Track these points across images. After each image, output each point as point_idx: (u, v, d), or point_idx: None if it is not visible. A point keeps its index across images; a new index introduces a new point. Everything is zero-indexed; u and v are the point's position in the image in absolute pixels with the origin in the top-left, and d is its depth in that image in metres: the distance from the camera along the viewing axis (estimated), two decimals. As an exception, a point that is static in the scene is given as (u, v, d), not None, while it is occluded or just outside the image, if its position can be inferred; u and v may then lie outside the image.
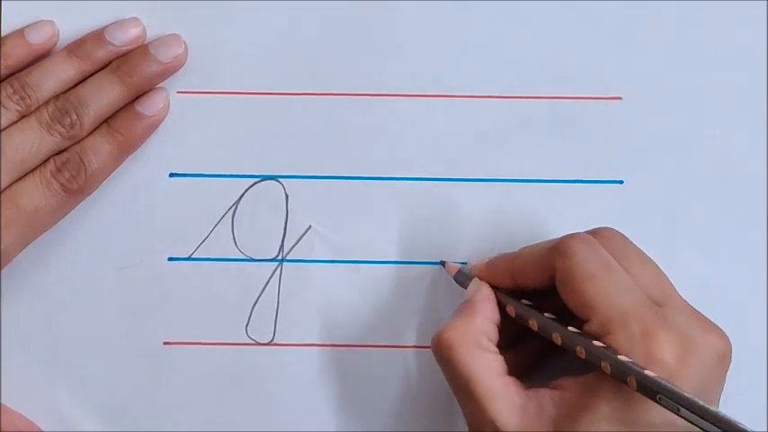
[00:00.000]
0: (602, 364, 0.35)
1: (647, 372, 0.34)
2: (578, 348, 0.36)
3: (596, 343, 0.35)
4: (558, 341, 0.37)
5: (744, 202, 0.43)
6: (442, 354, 0.38)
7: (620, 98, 0.43)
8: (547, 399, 0.36)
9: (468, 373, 0.37)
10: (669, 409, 0.33)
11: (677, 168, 0.43)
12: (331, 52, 0.43)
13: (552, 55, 0.43)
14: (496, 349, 0.38)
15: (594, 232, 0.38)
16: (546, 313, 0.38)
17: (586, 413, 0.35)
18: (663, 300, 0.37)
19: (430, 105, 0.43)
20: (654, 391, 0.33)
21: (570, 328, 0.36)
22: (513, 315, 0.39)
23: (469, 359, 0.37)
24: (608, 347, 0.35)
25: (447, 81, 0.43)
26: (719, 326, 0.37)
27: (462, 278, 0.41)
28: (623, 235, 0.38)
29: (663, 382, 0.33)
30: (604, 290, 0.36)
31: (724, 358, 0.36)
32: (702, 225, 0.43)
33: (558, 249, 0.37)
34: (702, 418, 0.33)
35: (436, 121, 0.43)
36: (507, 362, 0.38)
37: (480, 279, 0.40)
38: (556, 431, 0.35)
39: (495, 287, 0.40)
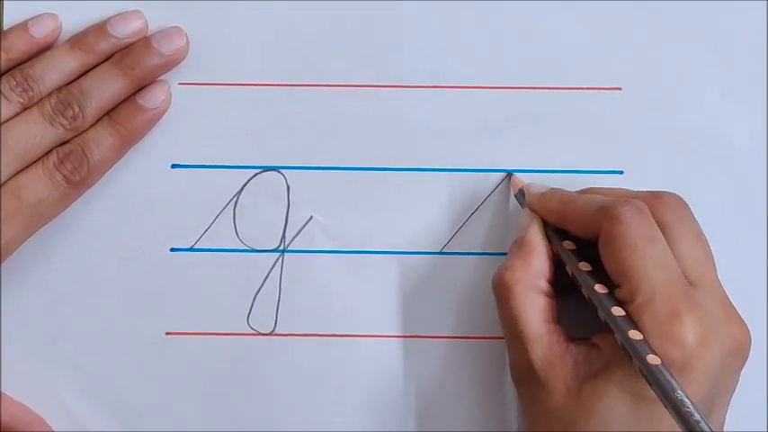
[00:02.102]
0: (616, 335, 0.35)
1: (649, 357, 0.34)
2: (599, 311, 0.36)
3: (616, 311, 0.36)
4: (586, 295, 0.37)
5: (743, 192, 0.43)
6: (501, 294, 0.39)
7: (619, 89, 0.43)
8: (582, 354, 0.37)
9: (520, 317, 0.38)
10: (661, 401, 0.33)
11: (676, 159, 0.43)
12: (332, 43, 0.43)
13: (552, 46, 0.43)
14: (550, 290, 0.39)
15: (657, 195, 0.38)
16: (583, 262, 0.38)
17: (603, 373, 0.36)
18: (698, 280, 0.37)
19: (430, 96, 0.43)
20: (648, 380, 0.34)
21: (598, 287, 0.37)
22: (554, 252, 0.39)
23: (524, 303, 0.38)
24: (629, 317, 0.35)
25: (447, 72, 0.43)
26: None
27: (522, 199, 0.41)
28: (685, 204, 0.39)
29: (661, 372, 0.33)
30: (641, 262, 0.36)
31: (741, 350, 0.37)
32: (701, 216, 0.42)
33: (607, 212, 0.37)
34: (683, 422, 0.33)
35: (436, 112, 0.43)
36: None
37: (532, 207, 0.41)
38: (579, 386, 0.36)
39: (544, 221, 0.40)
